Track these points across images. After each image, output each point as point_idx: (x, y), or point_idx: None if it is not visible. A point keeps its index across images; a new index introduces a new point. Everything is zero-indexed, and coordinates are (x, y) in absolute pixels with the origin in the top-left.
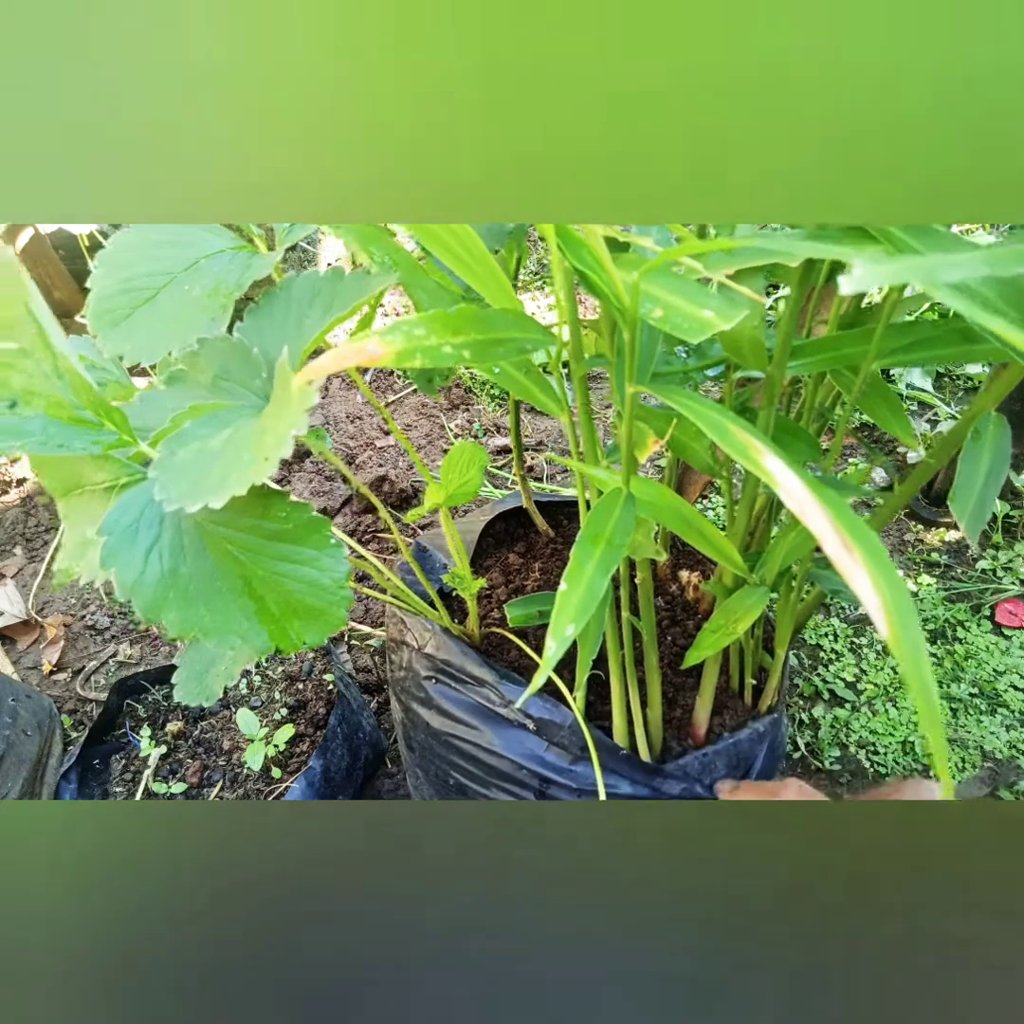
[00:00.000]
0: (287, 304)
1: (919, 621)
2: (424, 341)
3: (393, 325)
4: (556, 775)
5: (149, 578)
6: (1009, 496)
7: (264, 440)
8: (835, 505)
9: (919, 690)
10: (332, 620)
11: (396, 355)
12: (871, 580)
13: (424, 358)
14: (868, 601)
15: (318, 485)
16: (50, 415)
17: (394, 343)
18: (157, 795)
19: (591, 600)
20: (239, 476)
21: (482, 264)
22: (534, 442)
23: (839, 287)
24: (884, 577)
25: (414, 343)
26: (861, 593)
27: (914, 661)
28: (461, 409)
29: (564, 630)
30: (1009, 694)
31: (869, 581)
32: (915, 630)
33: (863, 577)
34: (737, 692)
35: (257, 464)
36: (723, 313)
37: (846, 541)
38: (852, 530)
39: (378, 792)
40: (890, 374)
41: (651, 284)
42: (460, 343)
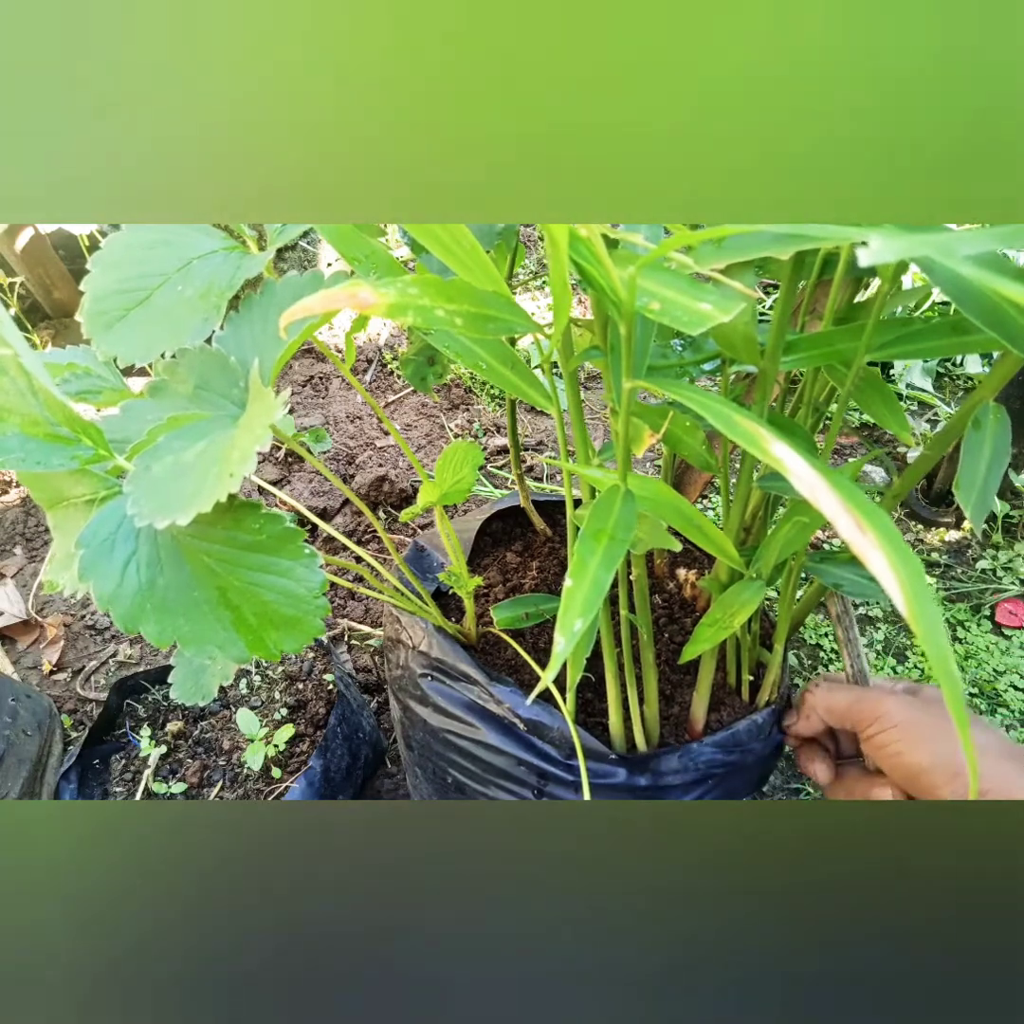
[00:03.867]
0: (266, 310)
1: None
2: (417, 300)
3: (386, 280)
4: (554, 768)
5: (126, 590)
6: (1009, 496)
7: (231, 455)
8: (845, 488)
9: (939, 664)
10: (309, 629)
11: (388, 307)
12: (887, 559)
13: (417, 315)
14: (885, 580)
15: (318, 485)
16: (26, 432)
17: (387, 295)
18: (157, 795)
19: (597, 594)
20: (205, 493)
21: (472, 255)
22: (534, 442)
23: (857, 260)
24: (899, 556)
25: (407, 299)
26: (878, 573)
27: (933, 636)
28: (461, 409)
29: (572, 625)
30: (1009, 694)
31: (885, 560)
32: (932, 606)
33: (879, 557)
34: (735, 688)
35: (222, 480)
36: (721, 306)
37: (860, 522)
38: (864, 511)
39: (378, 792)
40: (890, 374)
41: (646, 279)
42: (453, 309)
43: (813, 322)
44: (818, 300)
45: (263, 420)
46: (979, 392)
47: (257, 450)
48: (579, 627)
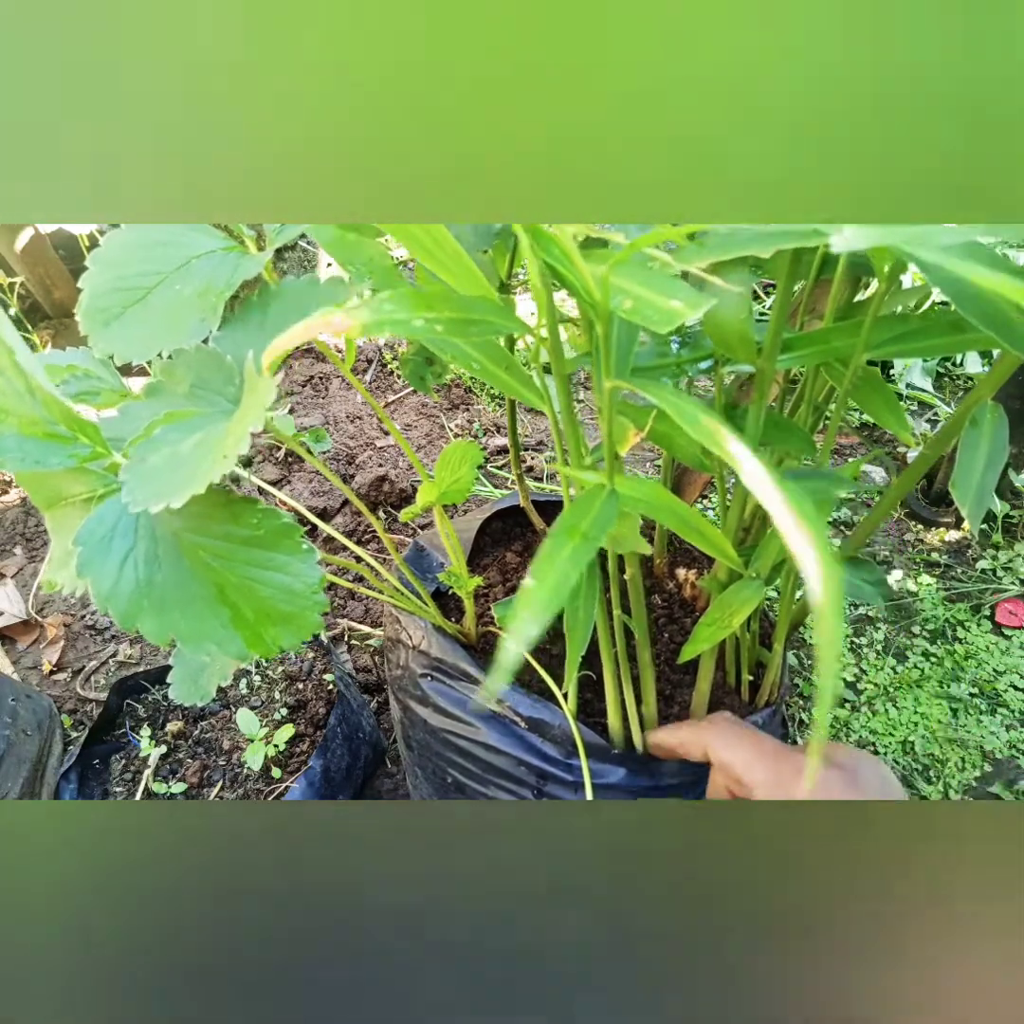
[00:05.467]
0: (263, 312)
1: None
2: (393, 315)
3: (361, 301)
4: (554, 768)
5: (124, 587)
6: (1009, 496)
7: (226, 441)
8: (787, 488)
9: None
10: (307, 625)
11: (362, 326)
12: (817, 556)
13: (393, 329)
14: (810, 573)
15: (318, 485)
16: (23, 432)
17: (360, 315)
18: (157, 795)
19: (560, 597)
20: (199, 476)
21: (456, 261)
22: (534, 442)
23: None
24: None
25: (382, 316)
26: (806, 567)
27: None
28: (461, 409)
29: (527, 630)
30: (1009, 694)
31: (815, 556)
32: (839, 610)
33: (810, 553)
34: (734, 688)
35: (217, 462)
36: (691, 303)
37: (798, 521)
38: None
39: (378, 792)
40: (890, 374)
41: (621, 277)
42: (433, 318)
43: (812, 322)
44: (817, 299)
45: (258, 402)
46: (977, 391)
47: (251, 430)
48: (535, 632)
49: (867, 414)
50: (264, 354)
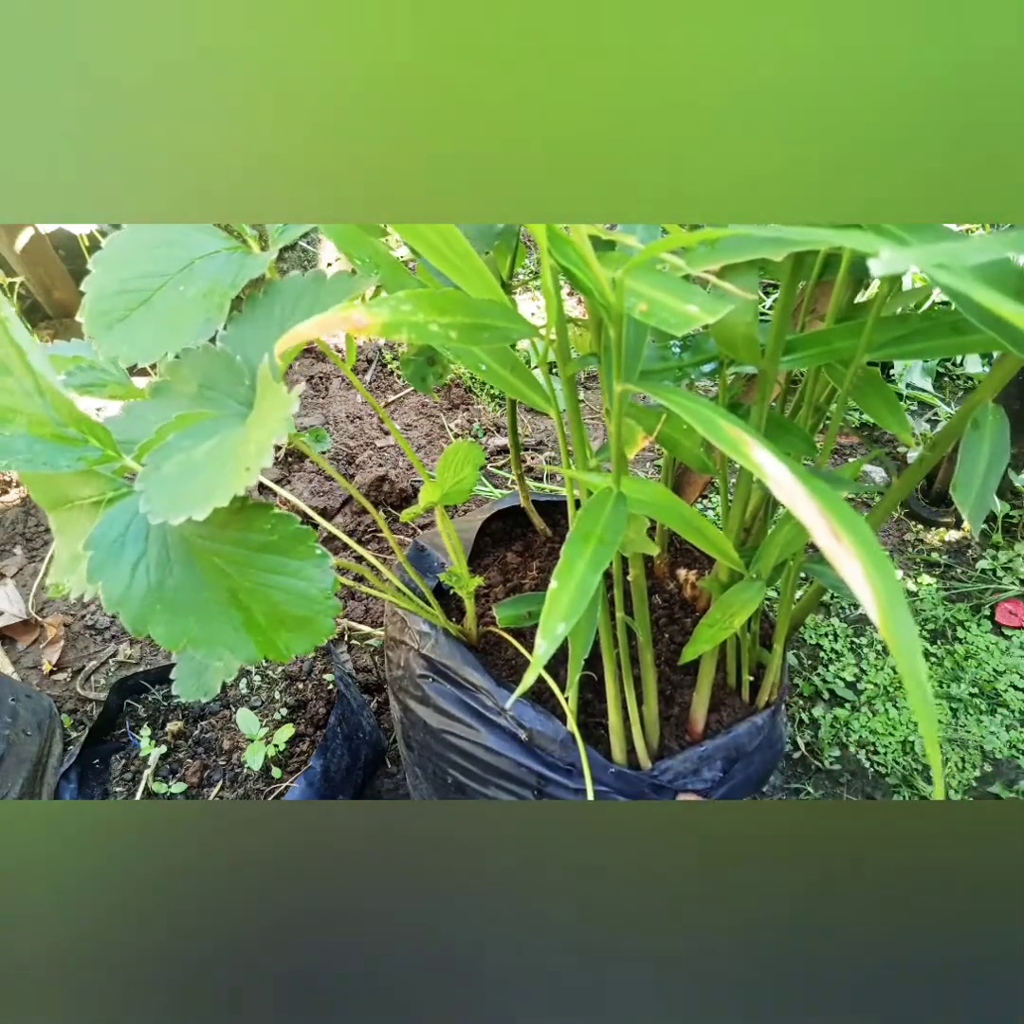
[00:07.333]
0: (270, 309)
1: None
2: (411, 316)
3: (380, 299)
4: (553, 773)
5: (135, 592)
6: (1009, 496)
7: (246, 450)
8: (825, 495)
9: (911, 677)
10: (319, 629)
11: (382, 326)
12: (862, 569)
13: (411, 332)
14: (859, 590)
15: (318, 485)
16: (32, 433)
17: (380, 315)
18: (157, 795)
19: (582, 597)
20: (221, 488)
21: (466, 261)
22: (534, 442)
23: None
24: (875, 565)
25: (401, 317)
26: (852, 582)
27: (906, 650)
28: (461, 409)
29: (555, 628)
30: (1009, 694)
31: (860, 569)
32: (906, 617)
33: (854, 566)
34: (735, 689)
35: (238, 474)
36: (708, 308)
37: (836, 530)
38: (842, 519)
39: (378, 792)
40: (890, 374)
41: (636, 281)
42: (447, 323)
43: (813, 322)
44: (818, 301)
45: (278, 414)
46: (978, 393)
47: (274, 443)
48: (562, 630)
49: (867, 414)
50: (278, 344)
